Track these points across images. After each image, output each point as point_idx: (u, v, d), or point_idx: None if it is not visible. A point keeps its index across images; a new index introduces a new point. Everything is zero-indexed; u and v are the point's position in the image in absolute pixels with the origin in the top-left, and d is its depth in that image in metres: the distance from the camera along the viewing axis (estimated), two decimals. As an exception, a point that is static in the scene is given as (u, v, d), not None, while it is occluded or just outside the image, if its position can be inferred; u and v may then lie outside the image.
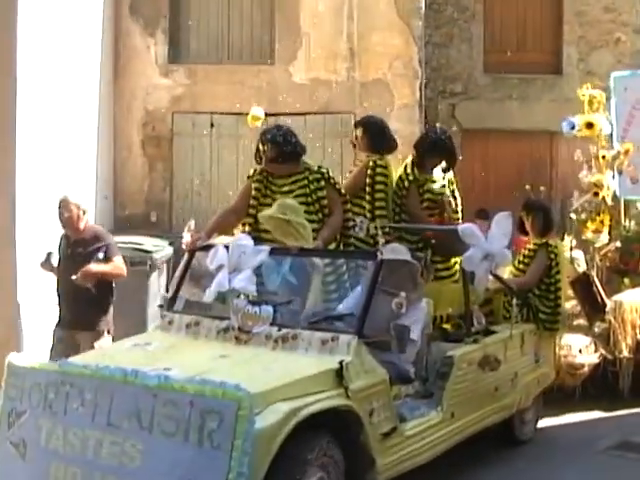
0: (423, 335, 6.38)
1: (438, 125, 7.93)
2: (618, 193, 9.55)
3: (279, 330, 5.78)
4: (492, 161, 14.09)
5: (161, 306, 6.63)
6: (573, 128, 9.45)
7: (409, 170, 7.47)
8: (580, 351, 8.67)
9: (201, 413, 4.66)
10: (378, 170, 7.30)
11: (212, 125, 12.56)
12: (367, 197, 7.29)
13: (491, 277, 7.00)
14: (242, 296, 6.10)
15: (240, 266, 6.25)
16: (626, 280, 9.26)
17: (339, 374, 5.27)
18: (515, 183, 9.70)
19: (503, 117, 14.30)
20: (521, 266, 7.73)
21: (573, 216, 9.44)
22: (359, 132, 7.50)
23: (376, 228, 6.66)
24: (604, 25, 14.40)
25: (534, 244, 7.67)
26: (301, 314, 6.16)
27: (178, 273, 6.78)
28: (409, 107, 12.36)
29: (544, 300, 7.58)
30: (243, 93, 12.14)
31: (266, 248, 6.28)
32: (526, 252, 7.72)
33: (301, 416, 4.89)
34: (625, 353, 8.70)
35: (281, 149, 6.84)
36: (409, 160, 7.58)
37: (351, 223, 6.96)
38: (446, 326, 7.06)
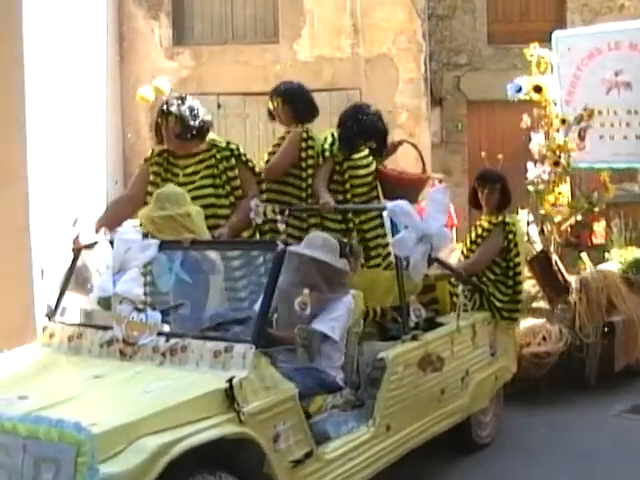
0: (351, 334, 5.29)
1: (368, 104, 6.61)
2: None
3: (167, 341, 4.59)
4: (498, 132, 13.25)
5: (47, 316, 5.37)
6: (519, 91, 8.22)
7: (327, 145, 6.28)
8: (544, 338, 7.56)
9: (35, 461, 3.53)
10: (311, 142, 6.23)
11: (219, 106, 12.26)
12: (303, 174, 6.09)
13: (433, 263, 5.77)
14: (126, 301, 4.82)
15: (126, 265, 5.02)
16: (583, 256, 8.25)
17: (229, 395, 4.02)
18: (522, 154, 8.75)
19: (508, 88, 13.63)
20: (473, 247, 6.61)
21: (530, 188, 8.16)
22: (278, 103, 6.34)
23: (274, 212, 5.38)
24: None
25: (488, 222, 6.53)
26: (199, 320, 4.94)
27: (62, 277, 5.51)
28: (414, 81, 12.31)
29: (500, 286, 6.47)
30: (248, 73, 12.02)
31: (154, 242, 5.09)
32: (479, 230, 6.59)
33: (175, 453, 3.72)
34: (592, 338, 7.61)
35: (187, 123, 5.72)
36: (330, 133, 6.37)
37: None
38: (382, 321, 5.84)
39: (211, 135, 5.92)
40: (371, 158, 6.40)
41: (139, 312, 4.77)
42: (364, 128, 6.25)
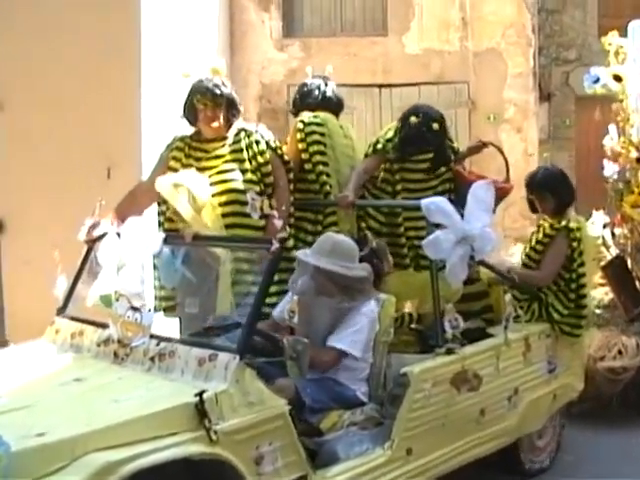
0: (379, 344, 4.67)
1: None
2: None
3: (157, 344, 4.01)
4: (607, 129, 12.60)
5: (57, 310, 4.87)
6: (597, 82, 7.31)
7: (382, 139, 5.63)
8: (620, 352, 6.68)
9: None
10: (309, 129, 5.50)
11: (327, 97, 11.91)
12: (307, 165, 5.48)
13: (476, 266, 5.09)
14: (123, 299, 4.25)
15: (128, 259, 4.46)
16: None
17: (200, 410, 3.39)
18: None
19: (618, 83, 12.97)
20: (532, 253, 5.70)
21: (609, 188, 7.30)
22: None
23: (271, 206, 4.71)
24: None
25: (550, 226, 5.63)
26: (202, 322, 4.36)
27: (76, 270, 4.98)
28: (523, 76, 11.72)
29: (562, 298, 5.59)
30: (357, 65, 11.67)
31: (160, 235, 4.50)
32: (540, 235, 5.69)
33: (124, 473, 3.18)
34: (672, 354, 6.66)
35: (237, 106, 5.28)
36: (395, 126, 5.71)
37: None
38: (417, 328, 5.14)
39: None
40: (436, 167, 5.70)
41: (134, 311, 4.21)
42: (408, 136, 5.55)
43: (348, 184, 5.42)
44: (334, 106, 5.80)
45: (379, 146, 5.60)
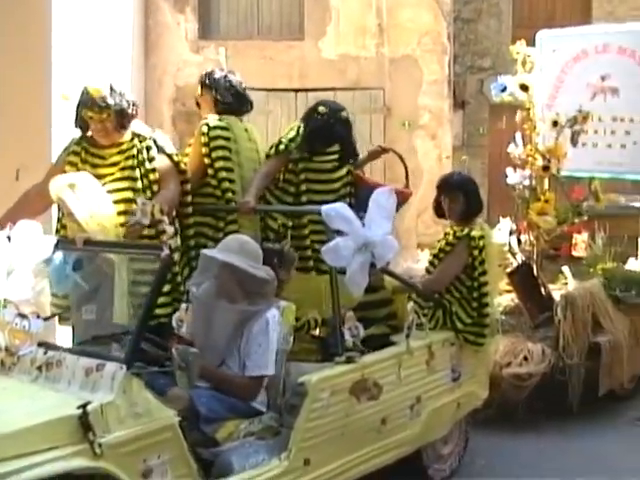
0: (277, 353, 4.59)
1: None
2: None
3: (45, 353, 3.86)
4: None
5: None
6: (504, 90, 7.38)
7: (285, 139, 5.56)
8: (526, 358, 6.72)
9: None
10: (214, 133, 5.36)
11: (243, 100, 11.84)
12: (210, 170, 5.33)
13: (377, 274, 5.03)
14: (11, 305, 4.11)
15: (18, 264, 4.30)
16: (565, 269, 7.43)
17: (84, 422, 3.28)
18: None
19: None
20: (435, 260, 5.71)
21: (515, 195, 7.40)
22: (201, 89, 5.69)
23: (162, 211, 4.61)
24: (633, 1, 13.62)
25: (454, 234, 5.62)
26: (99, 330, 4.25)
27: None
28: (438, 83, 11.87)
29: (466, 306, 5.57)
30: (273, 69, 11.72)
31: (51, 240, 4.35)
32: (443, 243, 5.68)
33: None
34: (576, 359, 6.74)
35: (126, 113, 5.04)
36: (297, 126, 5.68)
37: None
38: (319, 335, 5.12)
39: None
40: (341, 164, 5.63)
41: (22, 318, 4.07)
42: (317, 127, 5.50)
43: (250, 188, 5.34)
44: (239, 106, 5.67)
45: (281, 147, 5.51)
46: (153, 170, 4.96)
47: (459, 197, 5.62)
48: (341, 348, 4.64)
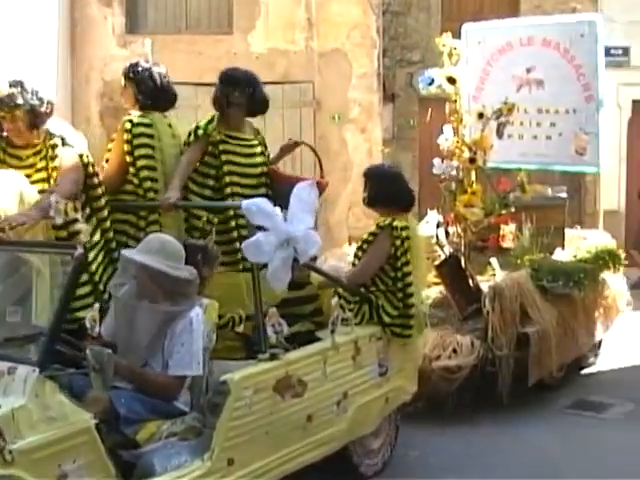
0: (205, 353, 4.54)
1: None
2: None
3: (-45, 357, 3.74)
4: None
5: None
6: (431, 84, 7.39)
7: (201, 123, 5.44)
8: (455, 351, 6.69)
9: None
10: (137, 130, 5.23)
11: (171, 95, 11.71)
12: (131, 169, 5.23)
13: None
14: None
15: None
16: (493, 261, 7.40)
17: (-7, 429, 3.21)
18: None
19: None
20: (359, 252, 5.68)
21: (442, 187, 7.44)
22: (124, 81, 5.50)
23: (76, 210, 4.50)
24: None
25: (376, 225, 5.61)
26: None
27: None
28: (367, 76, 11.87)
29: (392, 298, 5.53)
30: (202, 63, 11.49)
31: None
32: (366, 235, 5.67)
33: None
34: (505, 350, 6.74)
35: (38, 111, 4.82)
36: (212, 114, 5.56)
37: None
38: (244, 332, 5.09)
39: None
40: (260, 149, 5.57)
41: None
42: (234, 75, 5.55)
43: (173, 180, 5.24)
44: (162, 100, 5.55)
45: (200, 132, 5.38)
46: (56, 168, 4.79)
47: (383, 185, 5.65)
48: (264, 345, 4.60)
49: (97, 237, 4.86)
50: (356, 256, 5.69)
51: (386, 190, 5.62)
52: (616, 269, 7.99)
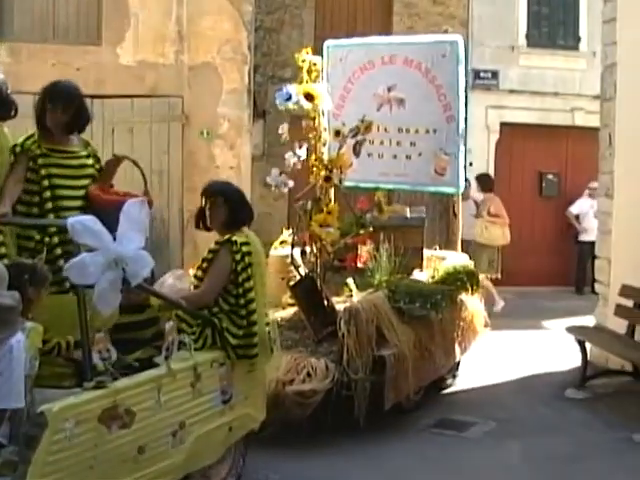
0: (26, 381, 4.19)
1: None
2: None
3: None
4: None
5: None
6: (289, 99, 7.22)
7: (20, 139, 5.13)
8: (309, 374, 6.50)
9: None
10: None
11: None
12: None
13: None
14: None
15: None
16: (349, 281, 7.29)
17: None
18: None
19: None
20: (199, 273, 5.43)
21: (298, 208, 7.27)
22: None
23: None
24: (432, 17, 14.40)
25: (215, 242, 5.40)
26: None
27: None
28: (238, 92, 11.86)
29: (235, 319, 5.30)
30: (69, 74, 10.67)
31: None
32: (205, 253, 5.45)
33: None
34: (361, 374, 6.59)
35: None
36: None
37: None
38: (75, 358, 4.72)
39: None
40: (91, 161, 5.31)
41: None
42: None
43: (2, 199, 4.91)
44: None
45: (17, 149, 5.07)
46: None
47: (222, 203, 5.43)
48: (90, 373, 4.29)
49: None
50: (196, 276, 5.45)
51: (242, 211, 5.48)
52: (474, 290, 7.94)
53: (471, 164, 14.10)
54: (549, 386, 8.36)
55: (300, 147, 7.26)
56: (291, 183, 7.24)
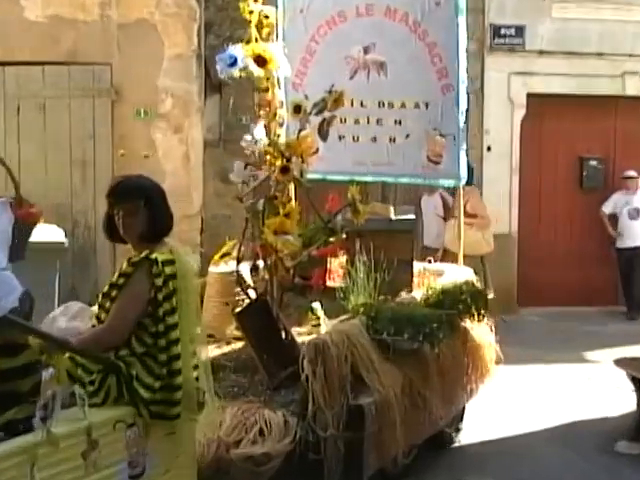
0: None
1: None
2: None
3: None
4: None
5: None
6: (234, 64, 6.93)
7: None
8: (262, 433, 6.22)
9: None
10: None
11: None
12: None
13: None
14: None
15: None
16: (316, 305, 7.11)
17: None
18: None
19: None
20: (106, 303, 5.16)
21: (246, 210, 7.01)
22: None
23: None
24: None
25: (128, 261, 5.14)
26: None
27: None
28: (184, 58, 11.87)
29: (152, 365, 5.07)
30: None
31: None
32: (115, 276, 5.18)
33: None
34: (332, 430, 6.33)
35: None
36: None
37: None
38: None
39: None
40: None
41: None
42: None
43: None
44: None
45: None
46: None
47: (137, 208, 5.17)
48: None
49: None
50: (101, 307, 5.21)
51: (161, 213, 5.27)
52: (481, 317, 7.76)
53: (489, 149, 13.93)
54: (594, 437, 8.30)
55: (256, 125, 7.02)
56: (262, 175, 6.95)
